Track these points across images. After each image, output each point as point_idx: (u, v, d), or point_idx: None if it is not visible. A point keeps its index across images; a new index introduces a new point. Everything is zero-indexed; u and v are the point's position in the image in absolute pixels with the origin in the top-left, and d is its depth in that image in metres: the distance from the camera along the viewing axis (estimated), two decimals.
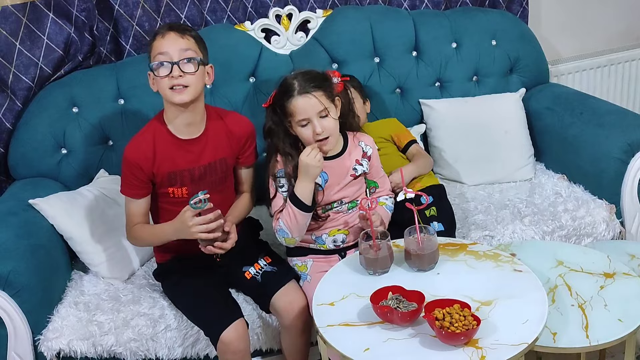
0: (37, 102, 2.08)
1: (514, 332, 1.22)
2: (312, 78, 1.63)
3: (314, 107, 1.60)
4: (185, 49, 1.59)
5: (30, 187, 1.97)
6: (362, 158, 1.73)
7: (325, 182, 1.69)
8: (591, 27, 2.75)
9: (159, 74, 1.59)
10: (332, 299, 1.40)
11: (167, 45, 1.58)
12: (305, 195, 1.61)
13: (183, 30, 1.61)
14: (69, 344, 1.68)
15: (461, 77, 2.35)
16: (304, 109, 1.60)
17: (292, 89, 1.61)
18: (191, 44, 1.61)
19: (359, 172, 1.72)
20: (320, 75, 1.66)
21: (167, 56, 1.58)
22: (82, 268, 1.94)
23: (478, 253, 1.51)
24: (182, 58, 1.58)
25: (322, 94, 1.61)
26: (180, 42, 1.59)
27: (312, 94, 1.59)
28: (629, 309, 1.36)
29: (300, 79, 1.62)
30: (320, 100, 1.60)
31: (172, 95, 1.60)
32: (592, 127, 2.07)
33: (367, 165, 1.74)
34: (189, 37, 1.61)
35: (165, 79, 1.58)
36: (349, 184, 1.71)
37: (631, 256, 1.67)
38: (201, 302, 1.66)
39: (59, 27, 2.08)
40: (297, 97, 1.60)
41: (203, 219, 1.55)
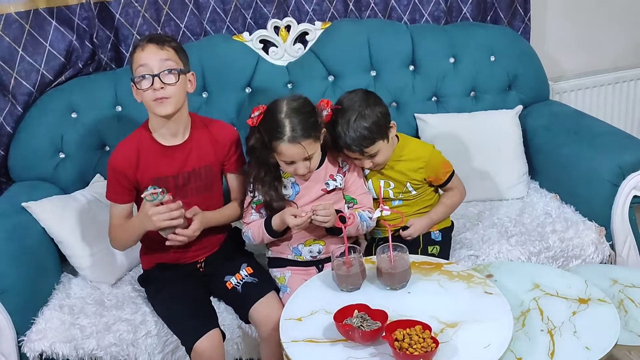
0: (37, 107, 2.13)
1: (474, 356, 1.22)
2: (304, 125, 1.60)
3: (301, 155, 1.61)
4: (165, 59, 1.61)
5: (27, 190, 2.02)
6: (337, 173, 1.74)
7: (297, 194, 1.71)
8: (597, 44, 2.71)
9: (141, 86, 1.62)
10: (301, 314, 1.41)
11: (146, 57, 1.61)
12: (280, 229, 1.70)
13: (162, 41, 1.64)
14: (51, 346, 1.71)
15: (458, 92, 2.34)
16: (291, 155, 1.62)
17: (282, 133, 1.59)
18: (171, 54, 1.63)
19: (331, 187, 1.72)
20: (311, 117, 1.63)
21: (147, 68, 1.61)
22: (71, 271, 1.99)
23: (452, 273, 1.50)
24: (162, 70, 1.60)
25: (310, 141, 1.61)
26: (160, 54, 1.61)
27: (302, 143, 1.59)
28: (598, 337, 1.35)
29: (293, 122, 1.60)
30: (308, 148, 1.61)
31: (155, 107, 1.63)
32: (585, 148, 2.04)
33: (342, 181, 1.74)
34: (169, 47, 1.64)
35: (147, 92, 1.61)
36: (320, 197, 1.72)
37: (613, 281, 1.65)
38: (178, 311, 1.68)
39: (61, 34, 2.14)
40: (287, 143, 1.60)
41: (164, 208, 1.58)
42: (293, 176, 1.71)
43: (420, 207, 1.84)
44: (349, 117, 1.70)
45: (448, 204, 1.85)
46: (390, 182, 1.82)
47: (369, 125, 1.69)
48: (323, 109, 1.68)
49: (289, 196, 1.73)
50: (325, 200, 1.70)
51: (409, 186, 1.81)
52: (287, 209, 1.68)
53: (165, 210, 1.58)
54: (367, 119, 1.70)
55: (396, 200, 1.82)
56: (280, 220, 1.68)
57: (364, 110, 1.71)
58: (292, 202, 1.72)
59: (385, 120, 1.75)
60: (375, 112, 1.72)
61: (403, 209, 1.79)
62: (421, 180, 1.82)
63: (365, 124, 1.70)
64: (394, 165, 1.82)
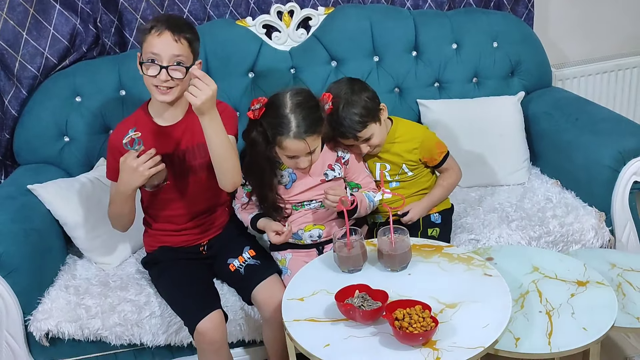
0: (41, 91, 2.15)
1: (473, 335, 1.24)
2: (310, 121, 1.61)
3: (304, 150, 1.62)
4: (177, 54, 1.60)
5: (32, 173, 2.05)
6: (335, 162, 1.75)
7: (293, 182, 1.72)
8: (601, 30, 2.70)
9: (147, 72, 1.62)
10: (303, 294, 1.43)
11: (160, 46, 1.59)
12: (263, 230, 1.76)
13: (179, 30, 1.61)
14: (57, 325, 1.75)
15: (461, 78, 2.34)
16: (295, 150, 1.62)
17: (288, 128, 1.60)
18: (184, 48, 1.61)
19: (329, 177, 1.73)
20: (316, 112, 1.64)
21: (158, 57, 1.60)
22: (77, 252, 2.01)
23: (452, 255, 1.52)
24: (171, 63, 1.60)
25: (315, 137, 1.62)
26: (174, 47, 1.59)
27: (306, 139, 1.60)
28: (596, 318, 1.36)
29: (298, 117, 1.60)
30: (312, 143, 1.62)
31: (156, 93, 1.64)
32: (586, 134, 2.05)
33: (341, 171, 1.75)
34: (184, 40, 1.61)
35: (151, 77, 1.62)
36: (316, 186, 1.73)
37: (612, 265, 1.67)
38: (181, 292, 1.71)
39: (65, 18, 2.14)
40: (292, 139, 1.60)
41: (145, 156, 1.57)
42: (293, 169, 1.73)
43: (418, 189, 1.86)
44: (337, 105, 1.73)
45: (445, 185, 1.87)
46: (386, 165, 1.84)
47: (358, 111, 1.72)
48: (325, 102, 1.68)
49: (286, 184, 1.74)
50: (319, 190, 1.72)
51: (405, 167, 1.83)
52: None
53: (147, 157, 1.57)
54: (356, 105, 1.73)
55: (393, 182, 1.84)
56: (262, 228, 1.74)
57: (351, 97, 1.74)
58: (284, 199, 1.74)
59: (373, 103, 1.77)
60: (362, 97, 1.75)
61: (400, 191, 1.81)
62: (416, 161, 1.85)
63: (354, 110, 1.72)
64: (389, 147, 1.84)
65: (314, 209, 1.75)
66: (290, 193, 1.75)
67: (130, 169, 1.58)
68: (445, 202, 1.91)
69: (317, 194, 1.75)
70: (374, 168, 1.84)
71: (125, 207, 1.70)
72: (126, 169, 1.59)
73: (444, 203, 1.90)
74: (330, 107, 1.70)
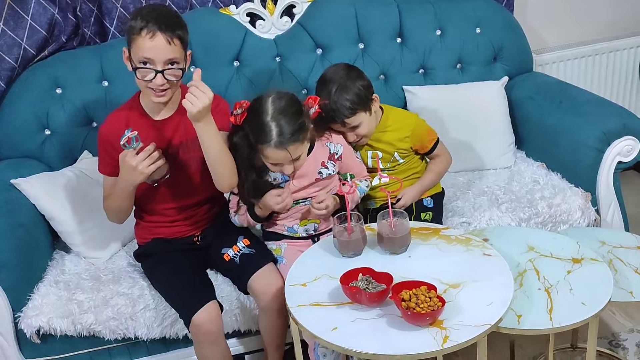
0: (20, 83, 2.08)
1: (478, 313, 1.26)
2: (291, 129, 1.56)
3: (287, 158, 1.58)
4: (171, 58, 1.54)
5: (13, 168, 1.99)
6: (328, 160, 1.73)
7: (286, 182, 1.70)
8: (578, 17, 2.76)
9: (141, 76, 1.55)
10: (305, 279, 1.43)
11: (154, 51, 1.52)
12: (264, 215, 1.72)
13: (172, 30, 1.53)
14: (48, 321, 1.70)
15: (445, 64, 2.36)
16: (277, 158, 1.59)
17: (269, 137, 1.55)
18: (177, 49, 1.55)
19: (324, 176, 1.71)
20: (299, 119, 1.58)
21: (151, 62, 1.54)
22: (63, 248, 1.97)
23: (450, 237, 1.54)
24: (166, 67, 1.54)
25: (297, 145, 1.58)
26: (168, 51, 1.53)
27: (288, 148, 1.56)
28: (593, 293, 1.39)
29: (280, 124, 1.55)
30: (295, 151, 1.58)
31: (151, 95, 1.59)
32: (570, 116, 2.09)
33: (335, 168, 1.73)
34: (176, 40, 1.55)
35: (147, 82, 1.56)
36: (311, 185, 1.72)
37: (602, 243, 1.71)
38: (175, 284, 1.68)
39: (43, 7, 2.08)
40: (273, 147, 1.56)
41: (143, 154, 1.54)
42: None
43: (409, 175, 1.88)
44: (331, 88, 1.73)
45: (436, 171, 1.90)
46: (378, 152, 1.85)
47: (350, 97, 1.73)
48: (311, 106, 1.64)
49: (279, 184, 1.71)
50: (316, 187, 1.71)
51: (397, 155, 1.85)
52: (269, 192, 1.66)
53: (145, 154, 1.54)
54: (349, 91, 1.74)
55: (385, 170, 1.85)
56: (264, 207, 1.70)
57: (346, 82, 1.75)
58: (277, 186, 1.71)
59: (366, 92, 1.77)
60: (356, 85, 1.76)
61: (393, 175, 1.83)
62: (408, 149, 1.87)
63: (347, 95, 1.73)
64: (381, 136, 1.85)
65: (309, 204, 1.74)
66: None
67: (130, 167, 1.55)
68: (437, 186, 1.93)
69: (312, 192, 1.73)
70: (365, 156, 1.84)
71: (125, 202, 1.67)
72: (126, 167, 1.56)
73: (435, 187, 1.92)
74: (317, 111, 1.66)
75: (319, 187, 1.73)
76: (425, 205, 1.87)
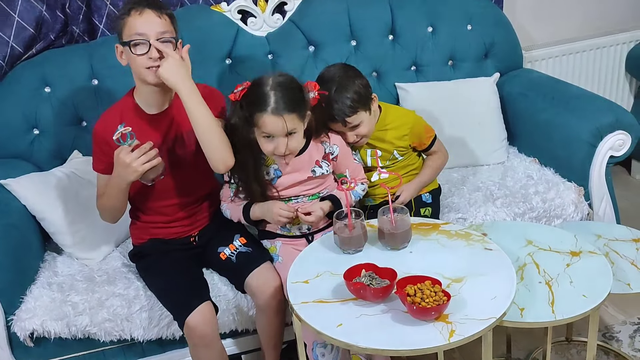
0: (7, 82, 2.04)
1: (483, 307, 1.26)
2: (289, 98, 1.56)
3: (282, 129, 1.57)
4: (163, 31, 1.56)
5: (1, 168, 1.94)
6: (322, 159, 1.72)
7: (278, 178, 1.69)
8: (566, 14, 2.79)
9: (136, 52, 1.56)
10: (307, 277, 1.42)
11: (144, 25, 1.54)
12: (258, 219, 1.73)
13: (160, 7, 1.58)
14: (42, 324, 1.67)
15: (437, 61, 2.36)
16: (272, 127, 1.57)
17: (266, 104, 1.55)
18: (167, 24, 1.58)
19: (317, 174, 1.70)
20: (298, 94, 1.60)
21: (144, 36, 1.54)
22: (55, 249, 1.93)
23: (450, 232, 1.54)
24: (160, 38, 1.55)
25: (294, 116, 1.57)
26: (158, 24, 1.55)
27: (284, 116, 1.55)
28: (593, 285, 1.41)
29: (278, 94, 1.56)
30: (291, 123, 1.57)
31: (148, 74, 1.58)
32: (562, 112, 2.11)
33: (329, 168, 1.72)
34: (166, 16, 1.58)
35: (142, 58, 1.56)
36: (304, 182, 1.71)
37: (597, 236, 1.72)
38: (169, 286, 1.66)
39: (30, 5, 2.04)
40: (269, 114, 1.55)
41: (138, 152, 1.52)
42: (276, 162, 1.69)
43: (407, 171, 1.88)
44: (330, 87, 1.72)
45: (434, 167, 1.90)
46: (377, 151, 1.84)
47: (350, 95, 1.72)
48: (310, 90, 1.64)
49: (272, 180, 1.70)
50: (308, 185, 1.71)
51: (396, 153, 1.85)
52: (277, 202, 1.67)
53: (141, 152, 1.52)
54: (349, 89, 1.73)
55: (384, 167, 1.85)
56: (261, 214, 1.69)
57: (345, 81, 1.74)
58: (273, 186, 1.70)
59: (366, 91, 1.77)
60: (356, 83, 1.75)
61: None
62: (407, 146, 1.87)
63: (347, 94, 1.72)
64: (380, 135, 1.85)
65: (301, 203, 1.73)
66: (277, 188, 1.71)
67: (124, 164, 1.52)
68: (434, 182, 1.93)
69: (304, 190, 1.72)
70: (365, 155, 1.84)
71: (118, 200, 1.64)
72: (120, 164, 1.53)
73: (432, 183, 1.92)
74: (316, 97, 1.66)
75: (311, 185, 1.72)
76: (424, 200, 1.88)
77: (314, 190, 1.73)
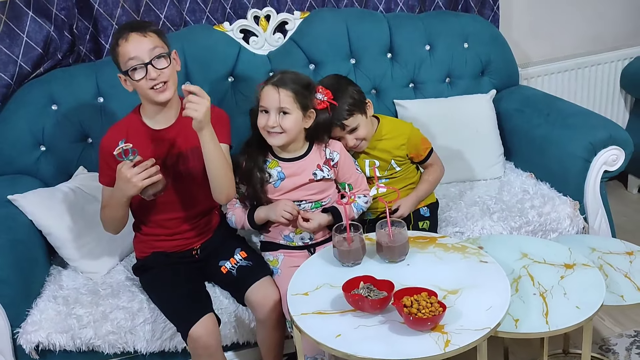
0: (16, 100, 2.10)
1: (478, 318, 1.29)
2: (292, 79, 1.69)
3: (274, 102, 1.67)
4: (153, 47, 1.62)
5: (9, 184, 1.99)
6: (323, 164, 1.78)
7: (281, 181, 1.75)
8: (561, 32, 2.85)
9: (135, 77, 1.62)
10: (307, 289, 1.45)
11: (134, 49, 1.60)
12: (261, 222, 1.79)
13: (143, 27, 1.63)
14: (47, 337, 1.70)
15: (434, 78, 2.42)
16: (266, 98, 1.68)
17: (271, 79, 1.70)
18: (155, 40, 1.63)
19: (318, 177, 1.76)
20: (305, 82, 1.72)
21: (137, 59, 1.60)
22: (60, 263, 1.97)
23: (446, 245, 1.58)
24: (152, 57, 1.61)
25: (291, 95, 1.67)
26: (145, 42, 1.61)
27: (281, 89, 1.66)
28: (586, 297, 1.44)
29: (284, 74, 1.71)
30: (286, 99, 1.66)
31: (155, 95, 1.64)
32: (558, 128, 2.16)
33: (330, 172, 1.78)
34: (151, 33, 1.63)
35: (142, 82, 1.62)
36: (304, 186, 1.76)
37: (592, 249, 1.76)
38: (172, 298, 1.70)
39: (39, 25, 2.10)
40: (269, 86, 1.68)
41: (139, 167, 1.57)
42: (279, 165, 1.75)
43: (405, 184, 1.93)
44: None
45: (430, 180, 1.95)
46: (375, 161, 1.89)
47: (346, 100, 1.81)
48: (319, 92, 1.74)
49: (275, 183, 1.76)
50: (310, 190, 1.76)
51: (394, 163, 1.90)
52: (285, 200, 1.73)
53: (142, 168, 1.57)
54: (344, 95, 1.82)
55: (383, 178, 1.90)
56: (265, 214, 1.75)
57: (340, 88, 1.83)
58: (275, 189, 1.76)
59: (360, 96, 1.86)
60: (349, 90, 1.85)
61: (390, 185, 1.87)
62: (404, 156, 1.92)
63: (343, 99, 1.81)
64: (378, 144, 1.91)
65: (303, 210, 1.77)
66: (280, 192, 1.76)
67: (125, 179, 1.57)
68: (431, 196, 1.98)
69: (307, 194, 1.77)
70: (363, 165, 1.89)
71: (119, 212, 1.69)
72: (121, 178, 1.58)
73: (430, 197, 1.97)
74: (324, 102, 1.75)
75: (313, 190, 1.77)
76: (422, 214, 1.92)
77: (316, 197, 1.78)
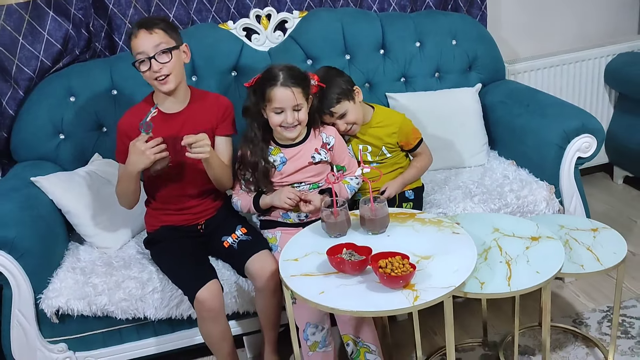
0: (37, 92, 2.29)
1: (445, 278, 1.46)
2: (295, 75, 1.85)
3: (290, 101, 1.83)
4: (157, 44, 1.82)
5: (31, 168, 2.19)
6: (321, 148, 1.96)
7: (283, 165, 1.93)
8: (548, 30, 3.00)
9: (141, 69, 1.84)
10: (297, 255, 1.63)
11: (141, 44, 1.82)
12: (266, 207, 1.96)
13: (151, 25, 1.84)
14: (67, 302, 1.89)
15: (424, 73, 2.58)
16: (282, 99, 1.83)
17: (276, 79, 1.82)
18: (161, 36, 1.83)
19: (317, 160, 1.94)
20: (302, 74, 1.88)
21: (143, 54, 1.82)
22: (77, 239, 2.16)
23: (424, 220, 1.74)
24: (156, 52, 1.81)
25: (300, 90, 1.84)
26: (151, 39, 1.82)
27: (292, 88, 1.82)
28: (547, 264, 1.59)
29: (285, 72, 1.84)
30: (297, 96, 1.84)
31: (159, 85, 1.86)
32: (536, 118, 2.32)
33: (326, 155, 1.96)
34: (158, 30, 1.83)
35: (147, 73, 1.83)
36: (305, 168, 1.94)
37: (561, 226, 1.92)
38: (181, 265, 1.88)
39: (58, 24, 2.30)
40: (279, 87, 1.81)
41: (153, 142, 1.78)
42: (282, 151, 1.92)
43: (394, 168, 2.10)
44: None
45: (418, 167, 2.12)
46: (368, 147, 2.07)
47: (333, 89, 1.98)
48: (311, 78, 1.93)
49: (278, 167, 1.93)
50: (310, 172, 1.94)
51: (384, 149, 2.07)
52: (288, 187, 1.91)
53: (155, 143, 1.78)
54: (333, 85, 1.99)
55: (374, 163, 2.07)
56: (270, 200, 1.93)
57: (328, 79, 2.00)
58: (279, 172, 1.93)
59: (347, 84, 2.03)
60: (337, 79, 2.02)
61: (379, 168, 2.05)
62: (394, 144, 2.09)
63: (331, 89, 1.98)
64: (372, 131, 2.08)
65: (302, 191, 1.95)
66: (282, 175, 1.94)
67: (139, 152, 1.77)
68: (417, 181, 2.14)
69: (306, 177, 1.95)
70: (356, 149, 2.06)
71: (130, 185, 1.88)
72: (135, 151, 1.78)
73: (416, 182, 2.14)
74: (315, 87, 1.93)
75: (312, 173, 1.94)
76: (407, 196, 2.09)
77: (314, 179, 1.95)
